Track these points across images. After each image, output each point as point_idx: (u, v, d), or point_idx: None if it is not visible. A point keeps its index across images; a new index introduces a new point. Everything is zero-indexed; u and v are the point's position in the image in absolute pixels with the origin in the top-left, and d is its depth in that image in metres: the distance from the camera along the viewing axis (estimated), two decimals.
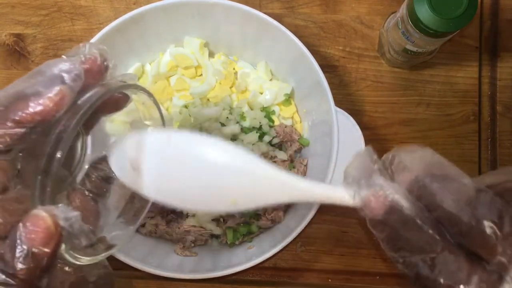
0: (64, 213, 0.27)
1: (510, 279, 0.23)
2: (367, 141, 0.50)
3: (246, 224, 0.55)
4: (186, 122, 0.55)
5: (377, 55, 0.60)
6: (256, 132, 0.55)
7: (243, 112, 0.56)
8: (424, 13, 0.46)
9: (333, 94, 0.49)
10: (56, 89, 0.27)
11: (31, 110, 0.27)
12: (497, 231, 0.24)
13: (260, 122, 0.56)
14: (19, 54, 0.60)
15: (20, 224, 0.26)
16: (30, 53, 0.60)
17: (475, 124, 0.59)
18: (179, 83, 0.57)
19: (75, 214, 0.27)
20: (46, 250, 0.26)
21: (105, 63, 0.30)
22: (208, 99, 0.57)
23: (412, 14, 0.47)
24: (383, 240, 0.27)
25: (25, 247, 0.25)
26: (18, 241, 0.25)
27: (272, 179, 0.29)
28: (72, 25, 0.60)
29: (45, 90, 0.27)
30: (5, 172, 0.28)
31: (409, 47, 0.52)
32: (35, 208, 0.26)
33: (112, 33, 0.49)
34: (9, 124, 0.27)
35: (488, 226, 0.24)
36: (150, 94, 0.34)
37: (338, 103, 0.50)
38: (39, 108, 0.27)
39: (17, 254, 0.25)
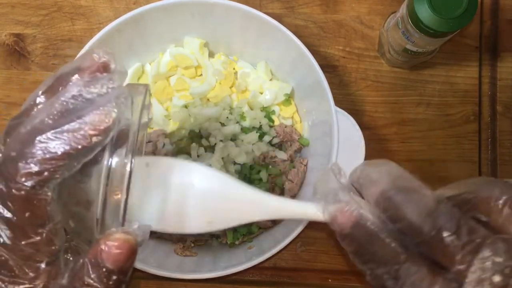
0: (142, 231, 0.28)
1: (468, 285, 0.24)
2: (367, 141, 0.50)
3: (246, 224, 0.55)
4: (186, 122, 0.55)
5: (377, 55, 0.60)
6: (256, 132, 0.55)
7: (243, 112, 0.56)
8: (424, 13, 0.46)
9: (333, 94, 0.49)
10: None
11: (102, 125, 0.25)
12: (455, 240, 0.25)
13: (260, 122, 0.56)
14: (19, 54, 0.60)
15: (103, 247, 0.27)
16: (30, 53, 0.60)
17: (475, 124, 0.59)
18: (179, 83, 0.57)
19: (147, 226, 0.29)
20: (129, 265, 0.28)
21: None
22: (208, 99, 0.57)
23: (412, 14, 0.47)
24: (351, 253, 0.28)
25: (111, 267, 0.27)
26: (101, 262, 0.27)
27: (244, 199, 0.31)
28: (72, 25, 0.60)
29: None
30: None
31: (409, 47, 0.52)
32: (114, 231, 0.27)
33: (112, 33, 0.49)
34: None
35: (447, 235, 0.25)
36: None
37: (338, 103, 0.50)
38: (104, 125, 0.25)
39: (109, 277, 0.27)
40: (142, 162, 0.31)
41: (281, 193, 0.55)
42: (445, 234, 0.25)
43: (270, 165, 0.55)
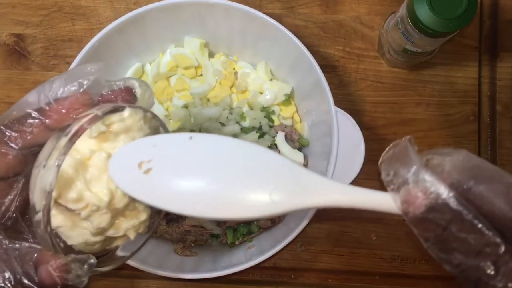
0: (77, 269, 0.28)
1: None
2: (367, 141, 0.50)
3: (246, 224, 0.55)
4: (186, 122, 0.55)
5: (377, 55, 0.60)
6: (256, 132, 0.55)
7: (243, 112, 0.56)
8: (424, 13, 0.46)
9: (333, 94, 0.49)
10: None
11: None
12: None
13: (260, 122, 0.56)
14: (19, 54, 0.60)
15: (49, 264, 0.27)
16: (30, 53, 0.60)
17: (474, 124, 0.59)
18: (179, 83, 0.57)
19: (90, 261, 0.28)
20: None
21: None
22: (208, 99, 0.57)
23: (412, 14, 0.47)
24: (427, 240, 0.25)
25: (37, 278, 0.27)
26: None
27: (313, 181, 0.27)
28: (72, 25, 0.60)
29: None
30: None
31: (409, 47, 0.52)
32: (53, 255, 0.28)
33: (112, 33, 0.49)
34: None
35: None
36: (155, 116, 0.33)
37: (338, 103, 0.50)
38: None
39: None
40: (186, 135, 0.29)
41: None
42: None
43: None
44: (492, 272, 0.23)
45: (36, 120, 0.29)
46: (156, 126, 0.33)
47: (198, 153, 0.29)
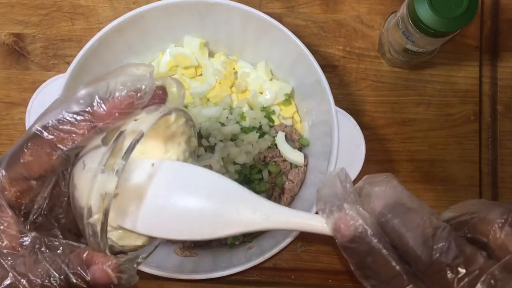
0: (128, 266, 0.29)
1: None
2: (367, 141, 0.50)
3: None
4: None
5: (377, 55, 0.60)
6: (256, 132, 0.55)
7: (243, 112, 0.56)
8: (425, 12, 0.46)
9: (333, 94, 0.49)
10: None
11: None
12: (451, 274, 0.24)
13: (260, 122, 0.55)
14: (18, 54, 0.60)
15: (96, 260, 0.28)
16: (29, 53, 0.60)
17: (475, 124, 0.59)
18: None
19: (139, 260, 0.30)
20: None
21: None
22: (208, 99, 0.57)
23: (412, 14, 0.47)
24: (352, 265, 0.28)
25: (88, 277, 0.28)
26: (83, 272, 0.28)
27: (248, 206, 0.30)
28: (71, 24, 0.60)
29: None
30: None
31: (409, 47, 0.52)
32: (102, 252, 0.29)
33: (111, 33, 0.49)
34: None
35: (444, 268, 0.25)
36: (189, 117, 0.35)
37: (338, 103, 0.50)
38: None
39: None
40: (147, 163, 0.31)
41: (281, 193, 0.55)
42: (442, 267, 0.25)
43: (270, 165, 0.55)
44: None
45: (88, 123, 0.29)
46: (191, 126, 0.35)
47: (161, 180, 0.31)
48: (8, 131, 0.59)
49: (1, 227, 0.28)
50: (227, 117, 0.55)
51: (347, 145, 0.49)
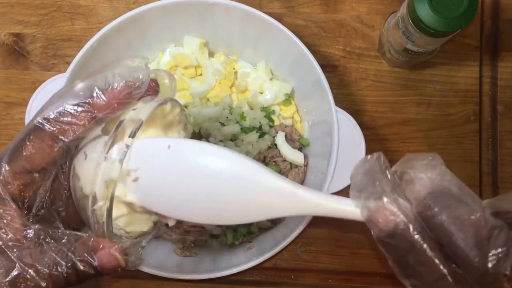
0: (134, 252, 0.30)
1: None
2: (368, 141, 0.50)
3: (246, 224, 0.55)
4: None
5: (377, 55, 0.60)
6: (256, 132, 0.55)
7: (243, 112, 0.55)
8: (425, 12, 0.46)
9: (333, 94, 0.49)
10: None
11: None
12: (508, 286, 0.22)
13: (260, 122, 0.55)
14: (18, 53, 0.60)
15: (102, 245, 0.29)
16: (29, 53, 0.60)
17: (475, 124, 0.59)
18: (179, 83, 0.57)
19: (143, 244, 0.30)
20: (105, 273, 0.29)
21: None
22: (208, 99, 0.57)
23: (412, 14, 0.47)
24: (391, 261, 0.26)
25: (95, 263, 0.28)
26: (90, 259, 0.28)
27: (275, 190, 0.28)
28: (71, 24, 0.60)
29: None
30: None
31: (409, 46, 0.52)
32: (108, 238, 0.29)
33: (111, 33, 0.49)
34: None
35: (501, 280, 0.22)
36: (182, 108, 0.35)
37: (339, 103, 0.50)
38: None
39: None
40: (164, 143, 0.31)
41: None
42: (499, 276, 0.22)
43: (270, 165, 0.55)
44: None
45: (88, 114, 0.29)
46: (185, 115, 0.36)
47: (178, 163, 0.30)
48: (8, 131, 0.59)
49: (5, 221, 0.28)
50: (227, 117, 0.55)
51: (347, 145, 0.49)
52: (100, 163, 0.29)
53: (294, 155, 0.55)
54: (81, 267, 0.29)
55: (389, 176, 0.26)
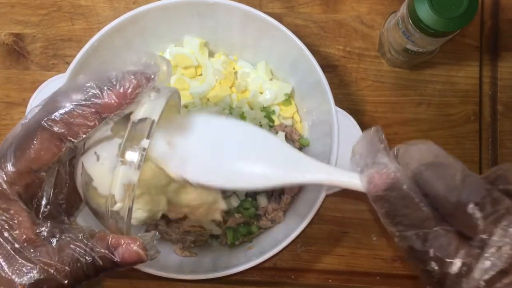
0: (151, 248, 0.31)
1: (489, 253, 0.25)
2: None
3: (246, 224, 0.55)
4: None
5: (377, 55, 0.60)
6: None
7: (243, 112, 0.55)
8: (425, 12, 0.46)
9: (333, 94, 0.49)
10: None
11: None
12: (477, 211, 0.26)
13: (260, 122, 0.55)
14: (18, 54, 0.60)
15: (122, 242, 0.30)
16: (29, 53, 0.60)
17: (475, 124, 0.59)
18: (179, 83, 0.57)
19: (158, 236, 0.32)
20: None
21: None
22: (208, 99, 0.57)
23: (412, 14, 0.47)
24: (382, 215, 0.29)
25: (116, 258, 0.30)
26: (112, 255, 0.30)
27: (289, 158, 0.32)
28: (71, 24, 0.60)
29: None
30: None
31: (409, 46, 0.52)
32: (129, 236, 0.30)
33: (111, 33, 0.49)
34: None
35: (471, 207, 0.26)
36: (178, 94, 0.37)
37: (339, 103, 0.50)
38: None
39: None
40: (200, 118, 0.34)
41: (281, 192, 0.55)
42: (469, 206, 0.26)
43: None
44: (420, 241, 0.28)
45: (98, 115, 0.29)
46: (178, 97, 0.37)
47: (212, 134, 0.34)
48: (8, 131, 0.59)
49: (16, 221, 0.28)
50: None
51: (347, 145, 0.49)
52: (117, 166, 0.29)
53: None
54: (101, 263, 0.29)
55: (384, 145, 0.30)
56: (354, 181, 0.31)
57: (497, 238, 0.25)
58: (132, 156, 0.29)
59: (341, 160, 0.48)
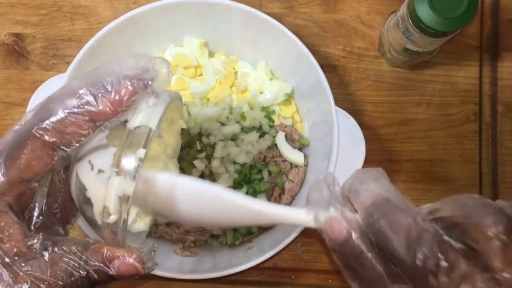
0: (149, 259, 0.31)
1: None
2: (368, 141, 0.50)
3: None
4: (186, 122, 0.55)
5: (377, 55, 0.60)
6: (257, 132, 0.55)
7: (243, 112, 0.55)
8: (425, 12, 0.46)
9: (333, 94, 0.49)
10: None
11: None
12: (434, 280, 0.25)
13: (260, 122, 0.55)
14: (18, 53, 0.60)
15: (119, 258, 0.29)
16: (29, 53, 0.60)
17: (475, 124, 0.59)
18: (179, 83, 0.57)
19: (155, 248, 0.32)
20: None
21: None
22: (208, 99, 0.57)
23: (412, 14, 0.47)
24: (341, 267, 0.29)
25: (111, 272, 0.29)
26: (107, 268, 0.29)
27: (247, 208, 0.33)
28: (71, 24, 0.60)
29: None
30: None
31: (409, 46, 0.52)
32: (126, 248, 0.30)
33: (111, 33, 0.49)
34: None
35: (427, 274, 0.25)
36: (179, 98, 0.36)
37: (339, 103, 0.50)
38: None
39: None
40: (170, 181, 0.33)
41: (281, 193, 0.55)
42: (425, 271, 0.25)
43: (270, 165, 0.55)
44: None
45: (92, 123, 0.28)
46: (181, 104, 0.36)
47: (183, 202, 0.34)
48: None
49: (6, 233, 0.27)
50: (227, 117, 0.55)
51: (347, 145, 0.49)
52: (112, 177, 0.28)
53: (294, 155, 0.55)
54: (96, 276, 0.28)
55: (337, 192, 0.30)
56: (305, 219, 0.31)
57: None
58: (128, 166, 0.28)
59: (341, 160, 0.48)
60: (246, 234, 0.55)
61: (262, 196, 0.54)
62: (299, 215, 0.31)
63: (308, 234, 0.57)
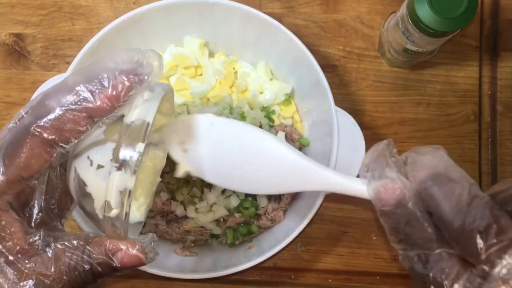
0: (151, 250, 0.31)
1: (490, 284, 0.24)
2: (367, 141, 0.50)
3: (246, 224, 0.55)
4: None
5: (377, 55, 0.60)
6: None
7: (243, 112, 0.56)
8: (425, 12, 0.46)
9: (333, 93, 0.49)
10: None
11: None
12: (481, 241, 0.25)
13: (260, 122, 0.55)
14: (18, 54, 0.60)
15: (123, 247, 0.30)
16: (30, 53, 0.60)
17: (475, 124, 0.59)
18: (179, 83, 0.57)
19: (156, 238, 0.32)
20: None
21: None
22: (208, 99, 0.57)
23: (412, 14, 0.47)
24: (387, 230, 0.29)
25: (114, 264, 0.29)
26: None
27: (297, 166, 0.32)
28: (72, 24, 0.60)
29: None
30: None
31: (409, 46, 0.52)
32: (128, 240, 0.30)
33: (112, 33, 0.49)
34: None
35: (474, 235, 0.25)
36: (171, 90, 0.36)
37: (338, 102, 0.50)
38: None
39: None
40: (207, 120, 0.34)
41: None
42: (473, 232, 0.25)
43: None
44: (421, 263, 0.27)
45: (89, 119, 0.28)
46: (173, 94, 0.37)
47: (219, 138, 0.35)
48: None
49: (8, 232, 0.27)
50: (227, 117, 0.55)
51: (347, 145, 0.49)
52: (112, 172, 0.28)
53: None
54: (99, 269, 0.29)
55: (394, 159, 0.30)
56: (360, 188, 0.31)
57: (498, 271, 0.24)
58: (127, 160, 0.28)
59: (341, 160, 0.48)
60: (246, 233, 0.55)
61: (262, 195, 0.54)
62: (354, 184, 0.32)
63: (308, 234, 0.57)
